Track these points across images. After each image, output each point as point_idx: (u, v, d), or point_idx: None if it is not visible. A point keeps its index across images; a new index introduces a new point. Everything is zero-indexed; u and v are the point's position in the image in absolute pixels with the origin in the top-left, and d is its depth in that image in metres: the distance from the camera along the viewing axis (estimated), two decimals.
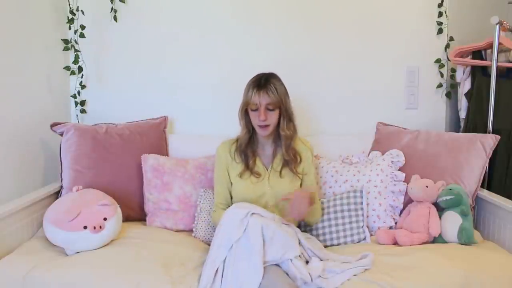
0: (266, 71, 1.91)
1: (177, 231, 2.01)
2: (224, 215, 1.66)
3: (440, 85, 2.50)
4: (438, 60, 2.48)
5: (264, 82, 1.82)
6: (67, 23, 2.39)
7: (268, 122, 1.82)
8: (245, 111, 1.87)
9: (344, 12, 2.44)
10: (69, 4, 2.38)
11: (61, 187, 2.07)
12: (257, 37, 2.44)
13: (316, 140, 2.17)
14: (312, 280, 1.54)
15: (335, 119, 2.48)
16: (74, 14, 2.38)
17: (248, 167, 1.87)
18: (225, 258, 1.56)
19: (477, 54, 2.35)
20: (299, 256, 1.60)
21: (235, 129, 1.96)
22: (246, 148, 1.89)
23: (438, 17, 2.45)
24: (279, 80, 1.87)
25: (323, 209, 1.95)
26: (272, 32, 2.44)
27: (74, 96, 2.45)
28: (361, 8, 2.44)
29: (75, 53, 2.41)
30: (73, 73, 2.44)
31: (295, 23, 2.44)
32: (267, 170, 1.90)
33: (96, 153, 2.07)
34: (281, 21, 2.43)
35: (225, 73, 2.45)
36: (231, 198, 1.91)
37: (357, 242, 1.92)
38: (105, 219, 1.74)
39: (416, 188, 1.94)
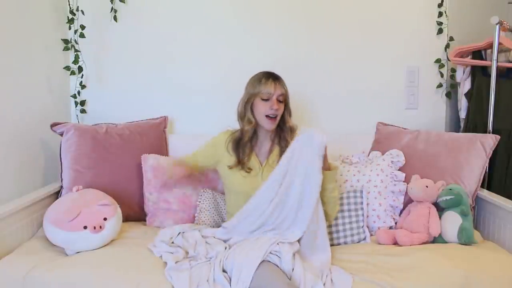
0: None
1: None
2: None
3: (440, 85, 2.50)
4: (438, 60, 2.48)
5: (276, 75, 1.90)
6: (67, 23, 2.39)
7: (278, 112, 1.86)
8: (250, 104, 1.87)
9: (344, 12, 2.44)
10: (69, 4, 2.38)
11: (61, 187, 2.07)
12: (257, 37, 2.45)
13: None
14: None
15: (335, 119, 2.48)
16: (74, 14, 2.38)
17: (240, 162, 1.88)
18: None
19: (477, 54, 2.35)
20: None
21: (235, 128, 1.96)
22: (245, 143, 1.89)
23: (438, 17, 2.45)
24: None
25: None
26: (272, 32, 2.44)
27: (74, 96, 2.45)
28: (362, 8, 2.44)
29: (75, 53, 2.41)
30: (73, 73, 2.44)
31: (295, 23, 2.44)
32: (261, 165, 1.90)
33: (96, 153, 2.07)
34: (282, 21, 2.43)
35: (225, 73, 2.45)
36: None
37: (357, 242, 1.92)
38: (105, 219, 1.74)
39: (416, 188, 1.94)
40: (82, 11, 2.39)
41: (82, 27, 2.40)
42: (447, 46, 2.46)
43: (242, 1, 2.44)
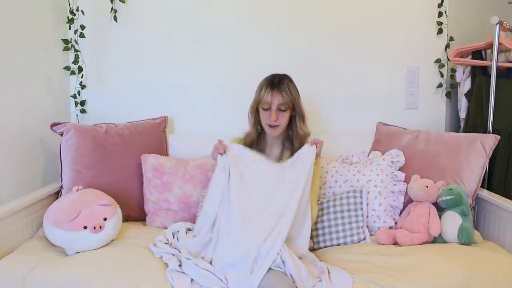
0: (267, 72, 1.92)
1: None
2: None
3: (440, 85, 2.50)
4: (438, 60, 2.48)
5: (277, 82, 1.84)
6: (67, 23, 2.39)
7: (279, 122, 1.84)
8: (256, 109, 1.89)
9: (344, 13, 2.44)
10: (69, 4, 2.38)
11: (61, 187, 2.07)
12: (257, 38, 2.44)
13: None
14: None
15: (335, 119, 2.48)
16: (74, 14, 2.38)
17: None
18: None
19: (477, 54, 2.35)
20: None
21: (236, 129, 1.96)
22: (253, 146, 1.90)
23: (438, 17, 2.45)
24: (292, 81, 1.90)
25: (322, 209, 1.94)
26: (272, 34, 2.44)
27: (74, 96, 2.45)
28: (361, 8, 2.44)
29: (75, 53, 2.41)
30: (73, 73, 2.44)
31: (295, 25, 2.44)
32: None
33: (96, 153, 2.07)
34: (282, 23, 2.43)
35: (225, 73, 2.45)
36: None
37: (357, 242, 1.92)
38: (105, 219, 1.74)
39: (416, 188, 1.94)
40: (82, 11, 2.39)
41: (82, 27, 2.40)
42: (447, 46, 2.46)
43: (242, 2, 2.43)
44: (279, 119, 1.83)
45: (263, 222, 1.67)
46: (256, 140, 1.91)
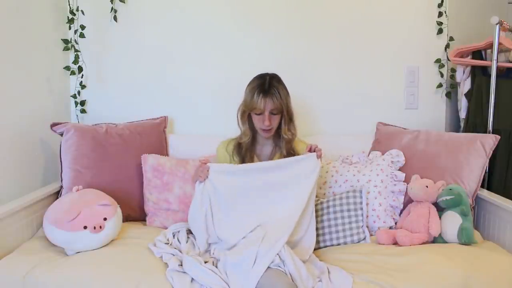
0: (266, 72, 1.91)
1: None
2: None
3: (440, 85, 2.50)
4: (438, 60, 2.48)
5: (268, 87, 1.84)
6: (67, 23, 2.39)
7: (271, 126, 1.86)
8: (248, 114, 1.89)
9: (344, 13, 2.44)
10: (69, 4, 2.38)
11: (61, 187, 2.07)
12: (256, 38, 2.44)
13: (316, 140, 2.16)
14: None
15: (335, 119, 2.48)
16: (74, 14, 2.38)
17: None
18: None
19: (477, 54, 2.35)
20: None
21: (235, 129, 1.96)
22: (245, 147, 1.91)
23: (438, 17, 2.45)
24: (281, 82, 1.90)
25: (322, 209, 1.94)
26: (271, 34, 2.44)
27: (74, 96, 2.45)
28: (361, 8, 2.44)
29: (75, 53, 2.41)
30: (73, 73, 2.44)
31: (294, 24, 2.44)
32: None
33: (96, 153, 2.07)
34: (281, 23, 2.43)
35: (225, 72, 2.45)
36: None
37: (357, 242, 1.92)
38: (105, 219, 1.74)
39: (416, 188, 1.94)
40: (82, 11, 2.39)
41: (82, 27, 2.40)
42: (447, 46, 2.46)
43: (241, 3, 2.43)
44: (272, 123, 1.85)
45: (260, 238, 1.65)
46: (247, 142, 1.92)
